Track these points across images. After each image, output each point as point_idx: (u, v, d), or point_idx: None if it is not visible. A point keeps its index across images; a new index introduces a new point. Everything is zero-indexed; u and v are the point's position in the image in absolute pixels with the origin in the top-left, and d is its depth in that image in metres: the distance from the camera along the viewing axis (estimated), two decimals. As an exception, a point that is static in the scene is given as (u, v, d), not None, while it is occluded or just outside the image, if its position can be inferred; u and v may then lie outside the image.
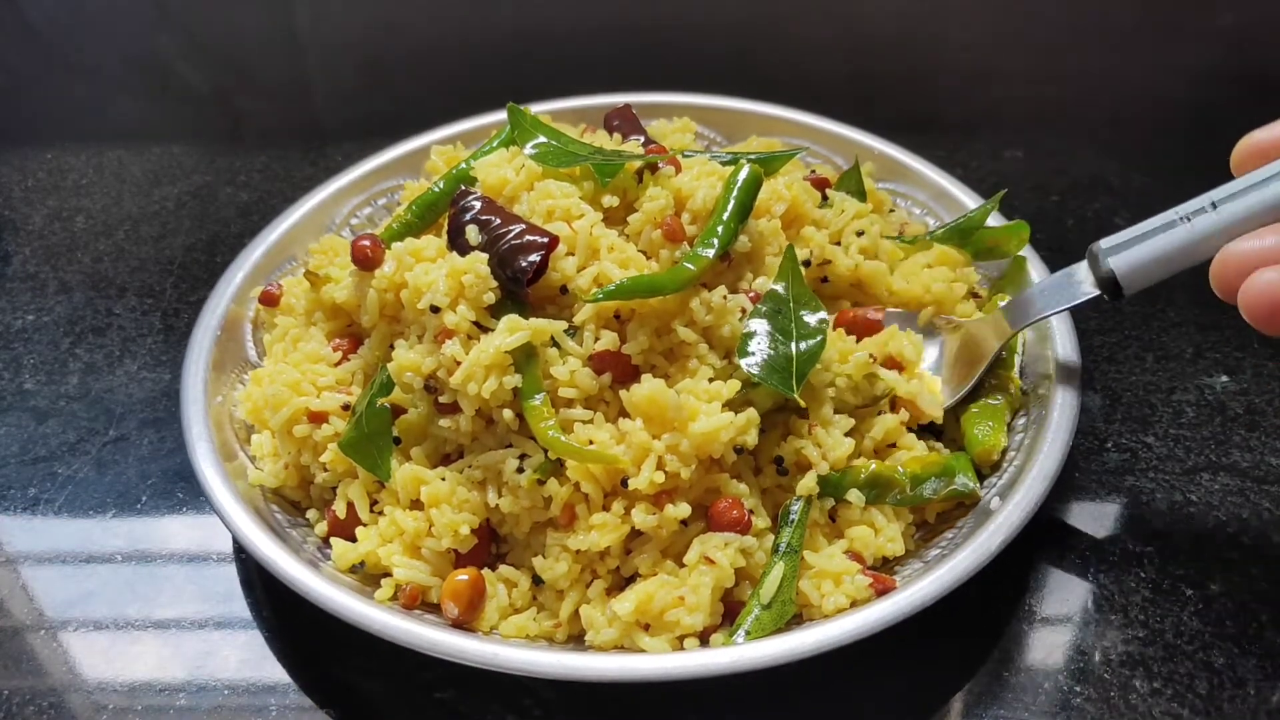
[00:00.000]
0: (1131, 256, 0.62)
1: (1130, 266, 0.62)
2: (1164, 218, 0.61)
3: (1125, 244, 0.62)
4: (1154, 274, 0.61)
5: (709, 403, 0.63)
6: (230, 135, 1.20)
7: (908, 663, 0.64)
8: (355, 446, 0.66)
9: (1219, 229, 0.58)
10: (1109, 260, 0.62)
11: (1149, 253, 0.61)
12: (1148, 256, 0.61)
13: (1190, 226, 0.59)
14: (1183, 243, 0.59)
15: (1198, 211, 0.59)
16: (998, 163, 1.07)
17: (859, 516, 0.65)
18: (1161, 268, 0.61)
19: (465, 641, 0.58)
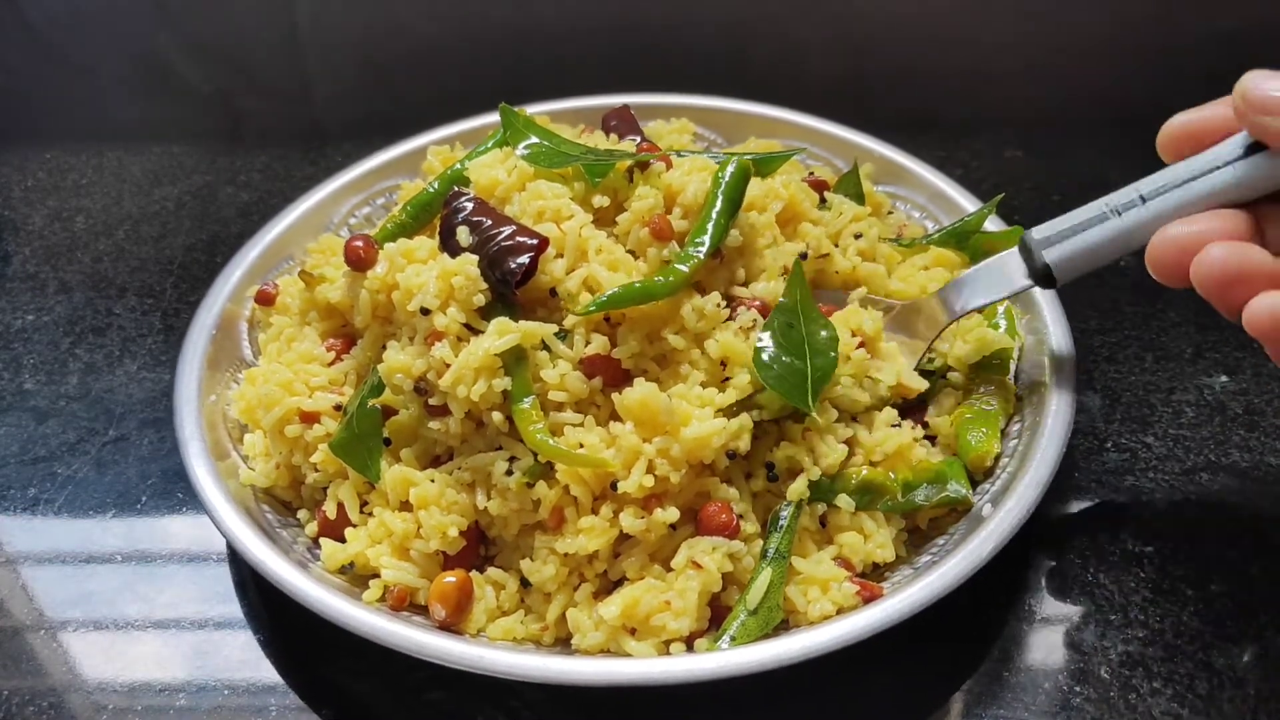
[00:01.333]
0: (1065, 249, 0.64)
1: (1064, 258, 0.64)
2: (1093, 209, 0.63)
3: (1058, 236, 0.64)
4: (1085, 265, 0.64)
5: (701, 408, 0.63)
6: (230, 135, 1.21)
7: (906, 664, 0.64)
8: (346, 447, 0.66)
9: (1147, 221, 0.60)
10: (1044, 253, 0.65)
11: (1082, 245, 0.63)
12: (1080, 249, 0.63)
13: (1121, 220, 0.61)
14: (1114, 235, 0.62)
15: (1127, 205, 0.61)
16: (997, 162, 1.07)
17: (849, 522, 0.65)
18: (1093, 259, 0.64)
19: (452, 644, 0.59)
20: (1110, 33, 1.26)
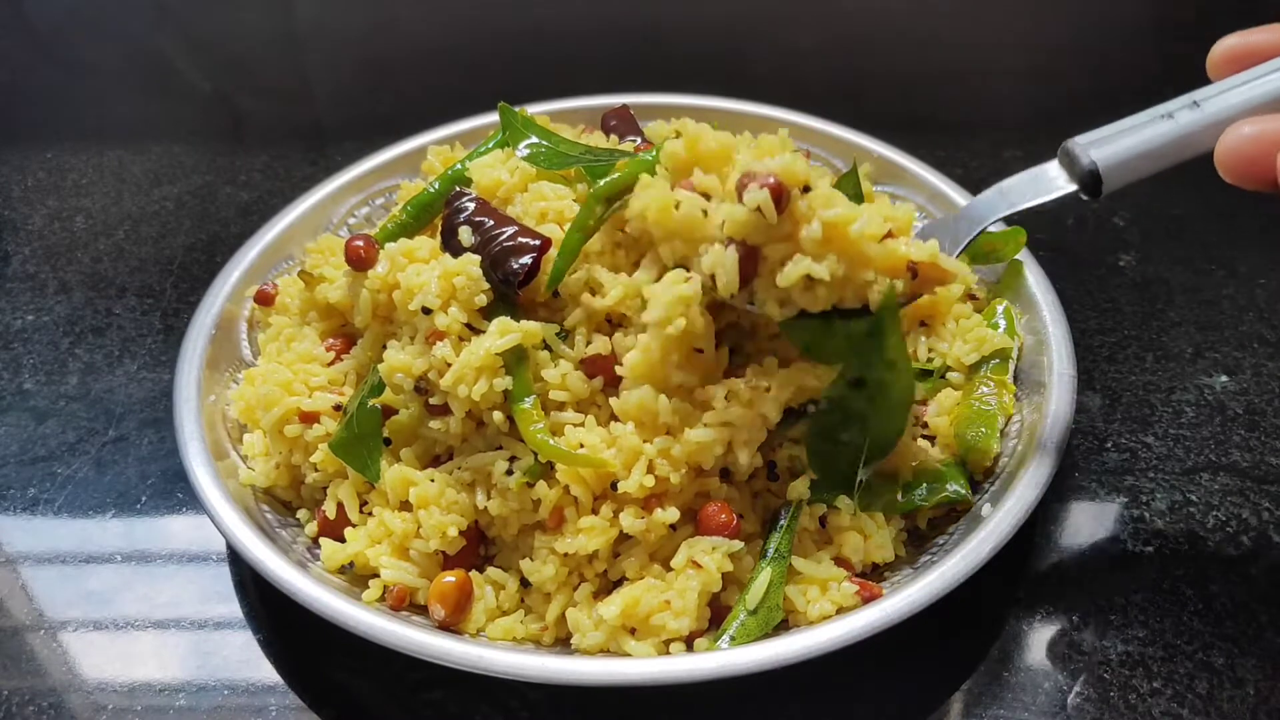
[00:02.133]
0: (1114, 150, 0.59)
1: (1113, 160, 0.59)
2: (1144, 116, 0.59)
3: (1105, 139, 0.60)
4: (1136, 169, 0.59)
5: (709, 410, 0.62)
6: (230, 135, 1.21)
7: (906, 664, 0.64)
8: (345, 447, 0.66)
9: (1204, 125, 0.56)
10: (1091, 153, 0.60)
11: (1133, 147, 0.58)
12: (1132, 151, 0.58)
13: (1174, 123, 0.57)
14: (1168, 138, 0.57)
15: (1180, 110, 0.58)
16: (997, 162, 1.07)
17: (849, 523, 0.65)
18: (1144, 163, 0.59)
19: (451, 644, 0.59)
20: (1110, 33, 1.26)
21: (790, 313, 0.59)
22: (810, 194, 0.58)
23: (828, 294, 0.58)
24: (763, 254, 0.59)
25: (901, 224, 0.61)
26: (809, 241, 0.57)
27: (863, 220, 0.57)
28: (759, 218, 0.57)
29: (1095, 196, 0.60)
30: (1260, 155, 0.52)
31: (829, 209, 0.57)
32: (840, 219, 0.57)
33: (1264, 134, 0.52)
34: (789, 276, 0.57)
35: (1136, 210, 1.00)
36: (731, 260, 0.58)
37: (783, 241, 0.58)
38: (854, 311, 0.59)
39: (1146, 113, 0.59)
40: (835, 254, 0.57)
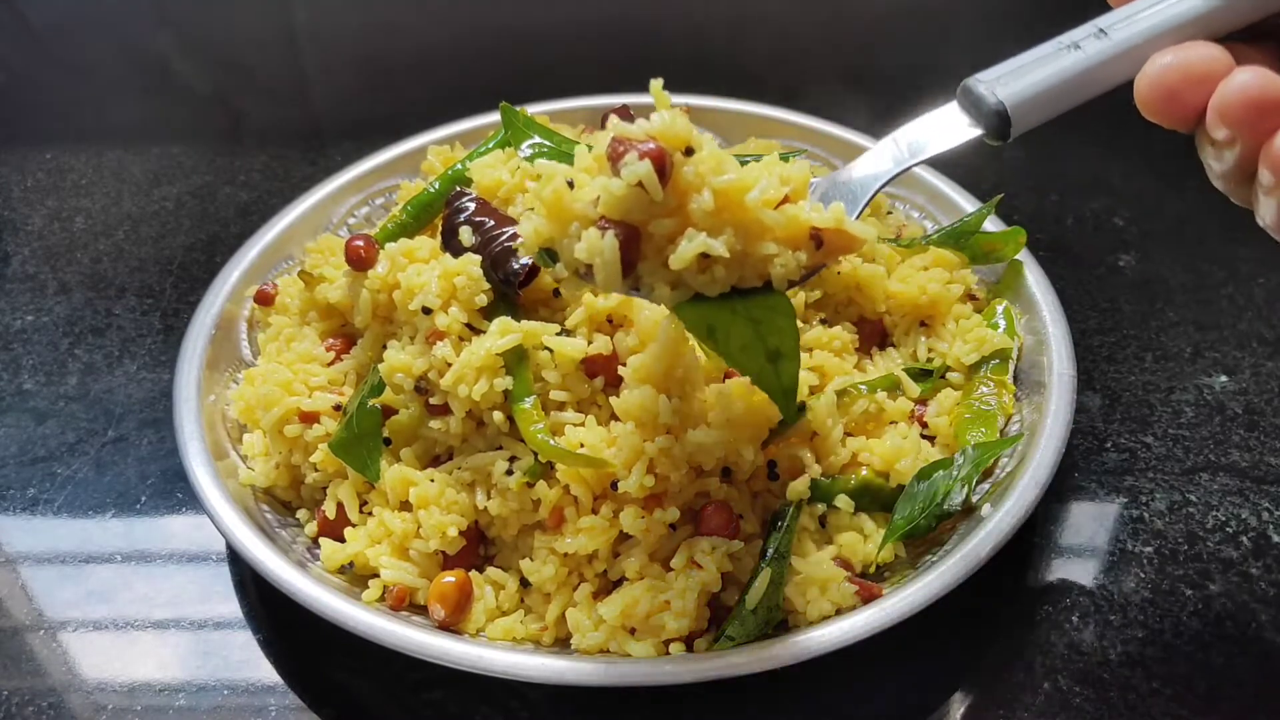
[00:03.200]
0: (1021, 87, 0.52)
1: (1022, 98, 0.52)
2: (1048, 47, 0.53)
3: (1011, 76, 0.53)
4: (1046, 107, 0.53)
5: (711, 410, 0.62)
6: (230, 135, 1.21)
7: (906, 664, 0.64)
8: (345, 447, 0.66)
9: (1115, 55, 0.51)
10: (997, 91, 0.53)
11: (1041, 82, 0.52)
12: (1040, 87, 0.52)
13: (1083, 54, 0.52)
14: (1078, 70, 0.52)
15: (1087, 39, 0.52)
16: (997, 161, 1.07)
17: (849, 523, 0.65)
18: (1055, 100, 0.53)
19: (451, 644, 0.59)
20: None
21: (683, 296, 0.52)
22: (695, 157, 0.50)
23: (726, 274, 0.51)
24: (646, 232, 0.51)
25: (798, 185, 0.53)
26: (700, 214, 0.50)
27: (761, 185, 0.50)
28: (640, 193, 0.49)
29: (1003, 140, 0.54)
30: (1182, 88, 0.47)
31: (720, 174, 0.50)
32: (734, 186, 0.50)
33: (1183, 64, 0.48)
34: (682, 258, 0.49)
35: (1136, 210, 1.00)
36: (611, 248, 0.49)
37: (669, 216, 0.50)
38: (754, 290, 0.53)
39: (1050, 44, 0.53)
40: (731, 226, 0.50)
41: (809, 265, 0.53)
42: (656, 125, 0.49)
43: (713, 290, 0.52)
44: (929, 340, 0.76)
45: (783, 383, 0.56)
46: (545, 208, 0.51)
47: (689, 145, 0.50)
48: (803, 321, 0.74)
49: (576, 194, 0.51)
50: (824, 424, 0.66)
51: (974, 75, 0.54)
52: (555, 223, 0.52)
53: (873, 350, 0.77)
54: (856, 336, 0.75)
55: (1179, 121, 0.49)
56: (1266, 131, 0.45)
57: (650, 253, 0.51)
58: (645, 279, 0.52)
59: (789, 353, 0.55)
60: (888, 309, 0.77)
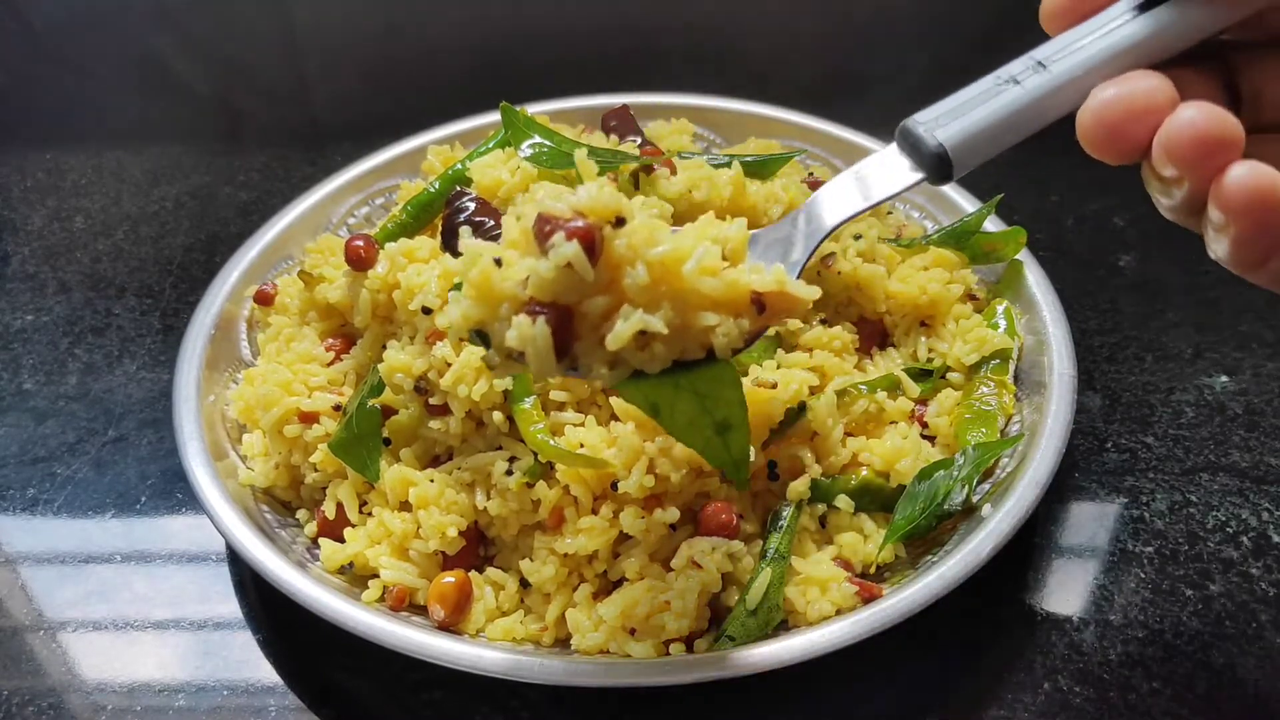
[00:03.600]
0: (962, 127, 0.50)
1: (962, 139, 0.50)
2: (986, 83, 0.51)
3: (949, 115, 0.51)
4: (988, 147, 0.50)
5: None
6: (229, 135, 1.21)
7: (907, 663, 0.64)
8: (345, 447, 0.66)
9: (1056, 88, 0.49)
10: (937, 134, 0.50)
11: (981, 121, 0.49)
12: (981, 125, 0.49)
13: (1022, 90, 0.49)
14: (1018, 106, 0.49)
15: (1025, 73, 0.50)
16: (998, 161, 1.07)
17: (849, 523, 0.65)
18: (996, 139, 0.50)
19: (451, 644, 0.59)
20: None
21: (623, 374, 0.49)
22: (627, 227, 0.48)
23: (666, 350, 0.49)
24: (580, 311, 0.48)
25: (736, 247, 0.51)
26: (635, 289, 0.47)
27: (697, 255, 0.48)
28: (571, 274, 0.46)
29: (946, 182, 0.52)
30: (1125, 123, 0.45)
31: (653, 246, 0.48)
32: (669, 257, 0.48)
33: (1126, 97, 0.45)
34: (620, 337, 0.47)
35: (1137, 210, 1.00)
36: (543, 336, 0.47)
37: (602, 293, 0.48)
38: (696, 361, 0.50)
39: (989, 79, 0.51)
40: (668, 299, 0.48)
41: (752, 331, 0.51)
42: (584, 199, 0.47)
43: (653, 368, 0.49)
44: (929, 340, 0.76)
45: (733, 455, 0.55)
46: (473, 289, 0.49)
47: (619, 215, 0.48)
48: (803, 322, 0.74)
49: (505, 273, 0.48)
50: (824, 424, 0.66)
51: (912, 117, 0.52)
52: (484, 305, 0.49)
53: (873, 350, 0.77)
54: (856, 336, 0.75)
55: (1124, 157, 0.47)
56: (1215, 169, 0.43)
57: (585, 331, 0.49)
58: (582, 360, 0.49)
59: (737, 423, 0.54)
60: (888, 309, 0.77)
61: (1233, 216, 0.43)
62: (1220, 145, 0.43)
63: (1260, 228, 0.42)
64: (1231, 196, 0.43)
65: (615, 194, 0.48)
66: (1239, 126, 0.43)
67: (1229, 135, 0.43)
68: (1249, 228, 0.43)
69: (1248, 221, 0.43)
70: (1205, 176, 0.44)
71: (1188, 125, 0.43)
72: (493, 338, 0.50)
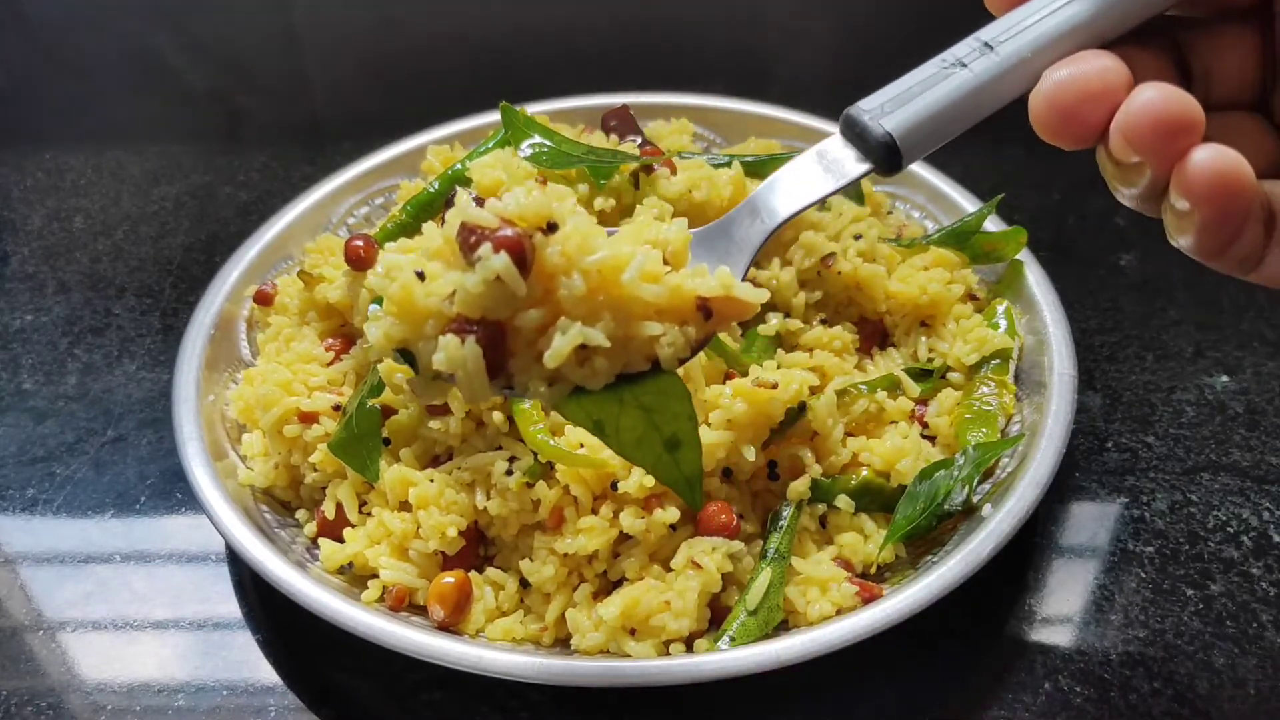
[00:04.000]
0: (909, 114, 0.48)
1: (910, 127, 0.48)
2: (929, 68, 0.49)
3: (894, 103, 0.48)
4: (937, 133, 0.48)
5: (711, 411, 0.62)
6: (229, 135, 1.20)
7: (907, 663, 0.64)
8: (344, 447, 0.66)
9: (1004, 71, 0.47)
10: (883, 122, 0.48)
11: (929, 107, 0.47)
12: (929, 112, 0.47)
13: (970, 73, 0.47)
14: (965, 91, 0.47)
15: (972, 56, 0.48)
16: (999, 160, 1.07)
17: (849, 523, 0.65)
18: (945, 124, 0.48)
19: (451, 644, 0.59)
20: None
21: (563, 391, 0.46)
22: (559, 234, 0.44)
23: (609, 363, 0.45)
24: (512, 326, 0.44)
25: (678, 248, 0.48)
26: (572, 300, 0.44)
27: (636, 262, 0.45)
28: (500, 287, 0.43)
29: (894, 172, 0.50)
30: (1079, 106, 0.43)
31: (589, 253, 0.44)
32: (606, 264, 0.44)
33: (1079, 79, 0.44)
34: (559, 354, 0.43)
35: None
36: (474, 357, 0.43)
37: (536, 305, 0.44)
38: (641, 374, 0.47)
39: (934, 63, 0.49)
40: (608, 309, 0.45)
41: (699, 338, 0.48)
42: (510, 206, 0.44)
43: (596, 383, 0.46)
44: (929, 340, 0.76)
45: (684, 472, 0.51)
46: (394, 306, 0.45)
47: (550, 220, 0.44)
48: (803, 322, 0.74)
49: (428, 288, 0.44)
50: (824, 424, 0.66)
51: (855, 104, 0.50)
52: (407, 322, 0.45)
53: (873, 350, 0.77)
54: (857, 336, 0.75)
55: (1078, 142, 0.45)
56: (1177, 153, 0.42)
57: (520, 347, 0.45)
58: (518, 378, 0.46)
59: (687, 439, 0.50)
60: (888, 309, 0.77)
61: (1196, 202, 0.41)
62: (1181, 128, 0.41)
63: (1225, 214, 0.41)
64: (1195, 181, 0.41)
65: (545, 198, 0.45)
66: (1199, 108, 0.42)
67: (1190, 117, 0.41)
68: (1213, 213, 0.41)
69: (1212, 207, 0.41)
70: (1167, 161, 0.42)
71: (1147, 107, 0.42)
72: (419, 358, 0.46)
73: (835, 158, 0.51)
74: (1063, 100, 0.44)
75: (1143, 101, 0.42)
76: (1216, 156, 0.41)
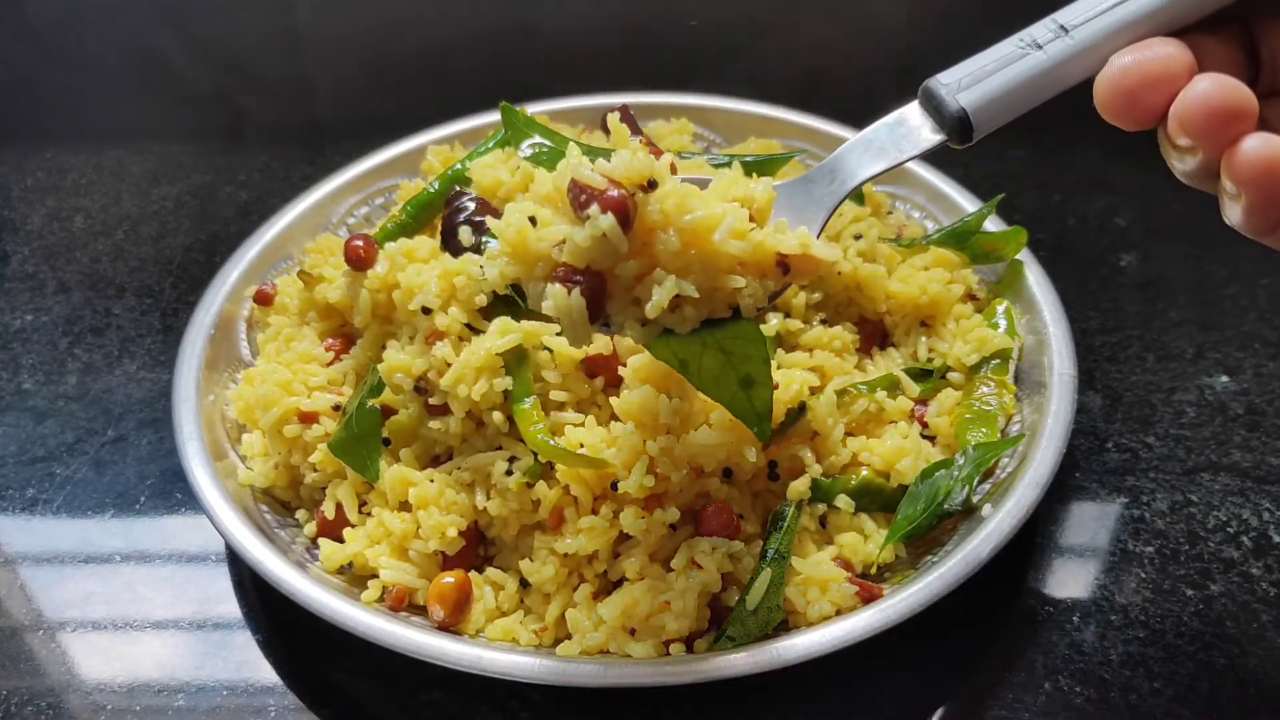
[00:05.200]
0: (984, 91, 0.51)
1: (984, 102, 0.51)
2: (1007, 46, 0.52)
3: (971, 79, 0.52)
4: (1008, 110, 0.52)
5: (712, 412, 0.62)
6: (230, 134, 1.20)
7: (908, 663, 0.64)
8: (344, 447, 0.66)
9: (1077, 53, 0.50)
10: (959, 98, 0.52)
11: (1003, 85, 0.51)
12: (1002, 89, 0.51)
13: (1044, 55, 0.51)
14: (1039, 71, 0.50)
15: (1047, 36, 0.51)
16: (1000, 161, 1.07)
17: (849, 523, 0.65)
18: (1017, 102, 0.51)
19: (450, 644, 0.59)
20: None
21: (654, 333, 0.53)
22: (659, 192, 0.50)
23: (696, 312, 0.52)
24: (612, 274, 0.51)
25: (763, 207, 0.53)
26: (667, 254, 0.50)
27: (726, 223, 0.50)
28: (605, 243, 0.49)
29: (966, 144, 0.53)
30: (1141, 91, 0.46)
31: (684, 212, 0.50)
32: (700, 223, 0.50)
33: (1142, 65, 0.46)
34: (658, 305, 0.50)
35: (1138, 209, 1.00)
36: (579, 306, 0.50)
37: (635, 256, 0.50)
38: (722, 320, 0.53)
39: (1010, 41, 0.52)
40: (698, 263, 0.50)
41: (775, 290, 0.53)
42: (618, 167, 0.49)
43: (684, 328, 0.52)
44: (929, 340, 0.76)
45: (756, 408, 0.57)
46: (509, 248, 0.51)
47: (652, 179, 0.50)
48: (803, 322, 0.74)
49: (539, 233, 0.51)
50: (824, 424, 0.66)
51: (935, 77, 0.53)
52: (520, 263, 0.52)
53: (873, 350, 0.77)
54: (857, 336, 0.75)
55: (1139, 123, 0.48)
56: (1228, 140, 0.45)
57: (617, 291, 0.51)
58: (615, 318, 0.52)
59: (761, 379, 0.55)
60: (888, 309, 0.77)
61: (1243, 187, 0.44)
62: (1233, 117, 0.44)
63: (1270, 198, 0.44)
64: (1242, 168, 0.44)
65: (647, 159, 0.49)
66: (1252, 99, 0.44)
67: (1242, 107, 0.44)
68: (1260, 197, 0.44)
69: (1259, 191, 0.44)
70: (1218, 147, 0.45)
71: (1202, 97, 0.45)
72: (528, 294, 0.52)
73: (912, 126, 0.55)
74: (1126, 84, 0.47)
75: (1199, 91, 0.45)
76: (1265, 145, 0.44)
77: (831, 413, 0.66)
